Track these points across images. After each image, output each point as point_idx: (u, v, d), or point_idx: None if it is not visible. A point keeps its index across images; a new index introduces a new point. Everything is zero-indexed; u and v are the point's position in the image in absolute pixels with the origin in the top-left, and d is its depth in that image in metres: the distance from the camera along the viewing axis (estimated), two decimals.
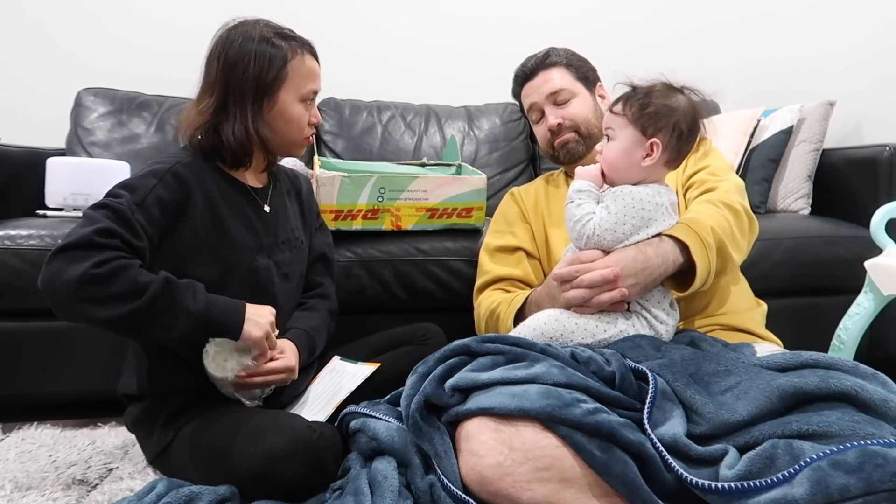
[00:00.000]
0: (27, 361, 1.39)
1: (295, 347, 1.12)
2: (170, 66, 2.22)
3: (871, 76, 1.98)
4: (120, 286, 0.90)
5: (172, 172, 1.04)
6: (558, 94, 1.33)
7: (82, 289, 0.89)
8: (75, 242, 0.91)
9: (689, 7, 2.62)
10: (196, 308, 0.95)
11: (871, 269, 1.36)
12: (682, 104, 1.02)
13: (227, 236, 1.09)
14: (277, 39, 1.10)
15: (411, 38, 2.43)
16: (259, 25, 1.11)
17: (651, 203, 1.01)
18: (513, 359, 0.90)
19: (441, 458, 0.86)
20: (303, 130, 1.15)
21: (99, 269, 0.89)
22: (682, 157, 1.06)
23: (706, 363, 0.89)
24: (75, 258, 0.90)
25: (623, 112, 1.03)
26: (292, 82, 1.11)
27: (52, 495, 1.04)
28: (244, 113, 1.08)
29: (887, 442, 0.68)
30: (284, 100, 1.11)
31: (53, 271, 0.90)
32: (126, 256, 0.93)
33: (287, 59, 1.10)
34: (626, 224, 1.00)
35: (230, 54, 1.08)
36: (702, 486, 0.71)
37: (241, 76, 1.07)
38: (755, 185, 1.87)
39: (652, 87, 1.03)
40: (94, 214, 0.95)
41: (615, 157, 1.04)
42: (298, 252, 1.23)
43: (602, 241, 1.02)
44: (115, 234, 0.93)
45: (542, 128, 1.37)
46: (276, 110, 1.11)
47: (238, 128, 1.07)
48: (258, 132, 1.09)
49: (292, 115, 1.12)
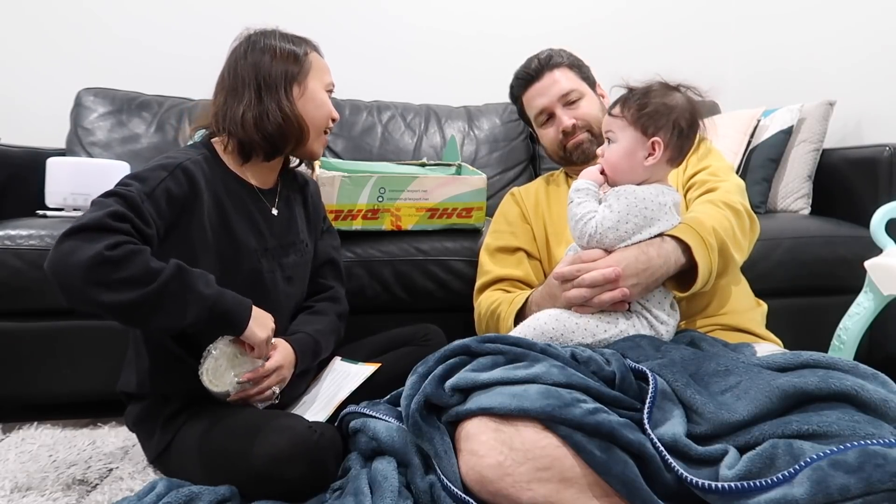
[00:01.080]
0: (27, 361, 1.39)
1: (291, 350, 1.11)
2: (170, 66, 2.23)
3: (871, 76, 1.98)
4: (132, 270, 0.88)
5: (182, 168, 1.03)
6: (569, 94, 1.32)
7: (94, 270, 0.86)
8: (88, 224, 0.88)
9: (689, 7, 2.62)
10: (209, 293, 0.94)
11: (871, 269, 1.36)
12: (680, 102, 1.02)
13: (231, 236, 1.09)
14: (295, 40, 1.16)
15: (411, 38, 2.44)
16: (273, 31, 1.17)
17: (654, 202, 1.01)
18: (513, 359, 0.90)
19: (441, 458, 0.86)
20: (328, 119, 1.18)
21: (112, 252, 0.87)
22: (684, 155, 1.06)
23: (706, 363, 0.89)
24: (88, 239, 0.87)
25: (622, 114, 1.03)
26: (316, 73, 1.16)
27: (52, 495, 1.04)
28: (280, 100, 1.10)
29: (887, 442, 0.68)
30: (313, 87, 1.15)
31: (64, 252, 0.87)
32: (137, 241, 0.92)
33: (307, 53, 1.16)
34: (628, 223, 1.00)
35: (255, 52, 1.12)
36: (702, 486, 0.71)
37: (270, 68, 1.11)
38: (755, 185, 1.87)
39: (649, 87, 1.03)
40: (104, 201, 0.94)
41: (618, 158, 1.04)
42: (303, 255, 1.23)
43: (604, 239, 1.02)
44: (127, 219, 0.92)
45: (551, 130, 1.35)
46: (307, 96, 1.14)
47: (275, 114, 1.09)
48: (296, 116, 1.11)
49: (321, 100, 1.16)
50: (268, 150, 1.13)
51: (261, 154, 1.14)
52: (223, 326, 0.99)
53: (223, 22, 2.26)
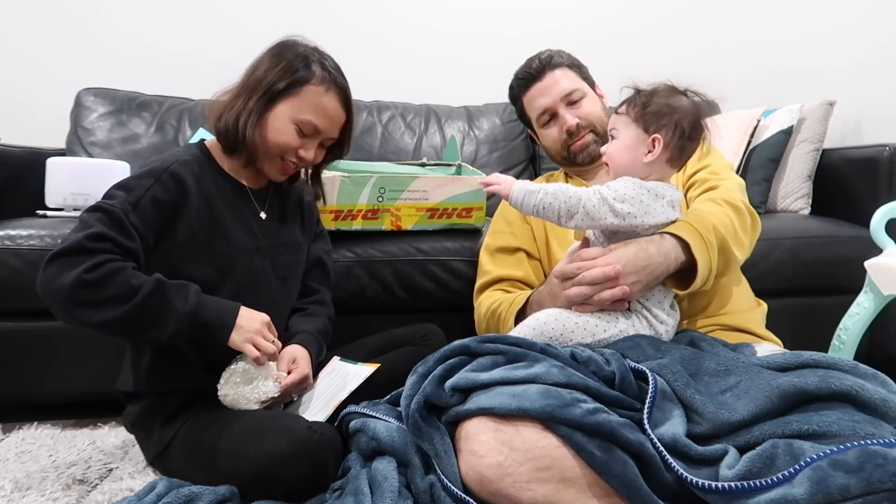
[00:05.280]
0: (27, 361, 1.39)
1: (306, 353, 1.13)
2: (170, 66, 2.23)
3: (871, 76, 1.98)
4: (112, 289, 0.93)
5: (170, 172, 1.04)
6: (572, 94, 1.32)
7: (76, 294, 0.92)
8: (67, 248, 0.93)
9: (689, 6, 2.62)
10: (186, 309, 0.97)
11: (871, 269, 1.36)
12: (684, 104, 1.03)
13: (223, 235, 1.09)
14: (316, 65, 1.11)
15: (411, 38, 2.44)
16: (308, 46, 1.13)
17: (650, 193, 1.01)
18: (513, 359, 0.90)
19: (441, 458, 0.86)
20: (282, 150, 1.11)
21: (90, 274, 0.92)
22: (685, 157, 1.06)
23: (706, 363, 0.89)
24: (68, 264, 0.92)
25: (626, 112, 1.05)
26: (295, 102, 1.10)
27: (52, 495, 1.04)
28: (245, 106, 1.09)
29: (887, 442, 0.68)
30: (281, 112, 1.10)
31: (48, 278, 0.93)
32: (118, 259, 0.95)
33: (307, 82, 1.10)
34: (623, 202, 0.99)
35: (270, 54, 1.11)
36: (702, 486, 0.71)
37: (261, 74, 1.09)
38: (755, 185, 1.87)
39: (655, 89, 1.05)
40: (87, 219, 0.97)
41: (618, 153, 1.05)
42: (297, 256, 1.24)
43: (597, 213, 0.98)
44: (107, 238, 0.95)
45: (554, 130, 1.35)
46: (270, 116, 1.10)
47: (231, 116, 1.09)
48: (246, 127, 1.08)
49: (281, 128, 1.09)
50: (225, 145, 1.12)
51: (233, 155, 1.13)
52: (205, 338, 1.01)
53: (224, 22, 2.27)
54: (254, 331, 1.02)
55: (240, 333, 1.01)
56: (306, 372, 1.10)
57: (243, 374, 1.03)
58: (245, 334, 1.01)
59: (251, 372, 1.03)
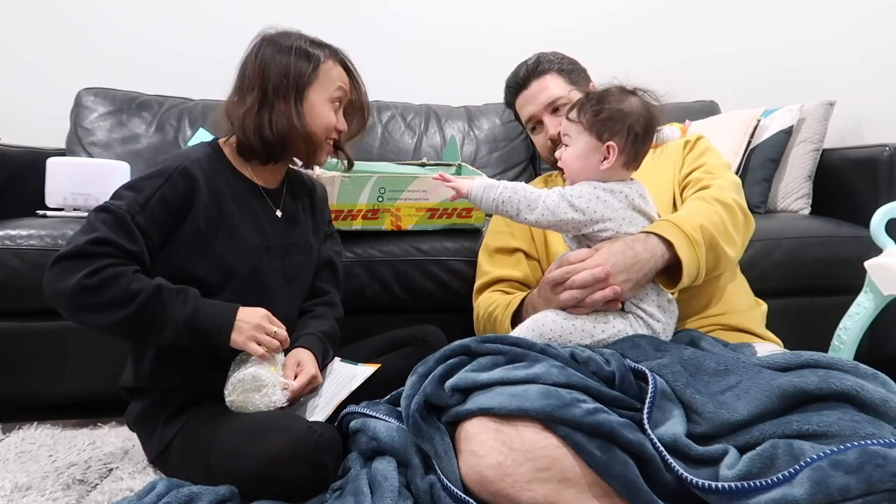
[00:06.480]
0: (27, 361, 1.39)
1: (311, 354, 1.13)
2: (170, 66, 2.23)
3: (871, 76, 1.98)
4: (112, 293, 0.95)
5: (180, 171, 1.05)
6: (556, 102, 1.32)
7: (76, 297, 0.94)
8: (70, 252, 0.96)
9: (689, 6, 2.61)
10: (182, 317, 0.98)
11: (871, 269, 1.36)
12: (635, 107, 1.02)
13: (232, 233, 1.09)
14: (312, 46, 1.15)
15: (411, 38, 2.44)
16: (293, 33, 1.16)
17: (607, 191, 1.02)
18: (513, 359, 0.90)
19: (441, 459, 0.86)
20: (328, 131, 1.16)
21: (91, 279, 0.94)
22: (640, 158, 1.06)
23: (706, 363, 0.89)
24: (70, 269, 0.95)
25: (578, 119, 1.04)
26: (321, 84, 1.14)
27: (52, 495, 1.04)
28: (287, 105, 1.10)
29: (887, 442, 0.68)
30: (315, 99, 1.13)
31: (52, 280, 0.95)
32: (119, 263, 0.97)
33: (319, 63, 1.14)
34: (580, 198, 1.01)
35: (269, 53, 1.12)
36: (702, 486, 0.71)
37: (280, 72, 1.10)
38: (755, 185, 1.87)
39: (606, 92, 1.05)
40: (93, 220, 0.99)
41: (573, 161, 1.06)
42: (307, 257, 1.24)
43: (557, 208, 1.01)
44: (109, 242, 0.97)
45: (541, 137, 1.36)
46: (307, 107, 1.13)
47: (279, 119, 1.10)
48: (301, 123, 1.11)
49: (321, 112, 1.14)
50: (264, 156, 1.14)
51: (257, 159, 1.15)
52: (206, 342, 1.01)
53: (224, 22, 2.27)
54: (254, 328, 1.02)
55: (240, 333, 1.01)
56: (313, 372, 1.09)
57: (252, 380, 1.02)
58: (246, 333, 1.01)
59: (261, 378, 1.02)
